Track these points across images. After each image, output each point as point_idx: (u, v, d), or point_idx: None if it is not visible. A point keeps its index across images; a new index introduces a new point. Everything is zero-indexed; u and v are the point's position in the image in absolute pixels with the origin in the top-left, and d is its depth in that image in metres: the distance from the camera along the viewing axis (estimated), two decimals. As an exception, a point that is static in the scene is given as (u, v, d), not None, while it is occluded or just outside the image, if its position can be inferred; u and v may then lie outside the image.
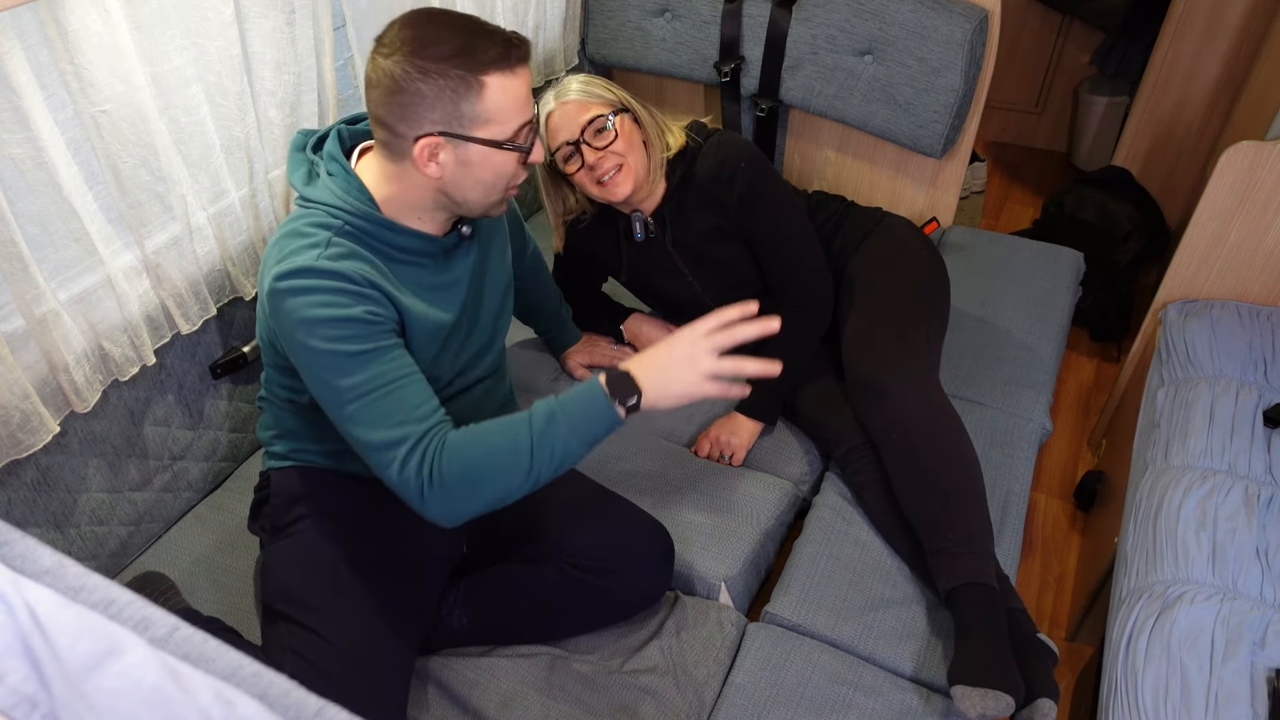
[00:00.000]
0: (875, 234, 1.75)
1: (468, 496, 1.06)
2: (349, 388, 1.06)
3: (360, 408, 1.06)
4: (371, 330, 1.07)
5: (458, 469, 1.05)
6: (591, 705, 1.24)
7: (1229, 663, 1.21)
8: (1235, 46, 2.56)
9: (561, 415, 1.06)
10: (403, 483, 1.06)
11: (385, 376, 1.07)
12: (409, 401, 1.07)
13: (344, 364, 1.06)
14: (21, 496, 1.25)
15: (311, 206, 1.13)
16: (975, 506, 1.39)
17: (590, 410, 1.07)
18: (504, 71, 1.05)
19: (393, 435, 1.05)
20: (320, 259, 1.07)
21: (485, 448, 1.06)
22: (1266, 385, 1.67)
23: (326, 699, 0.45)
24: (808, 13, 2.02)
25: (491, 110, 1.07)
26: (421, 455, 1.05)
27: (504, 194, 1.16)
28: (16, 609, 0.40)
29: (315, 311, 1.05)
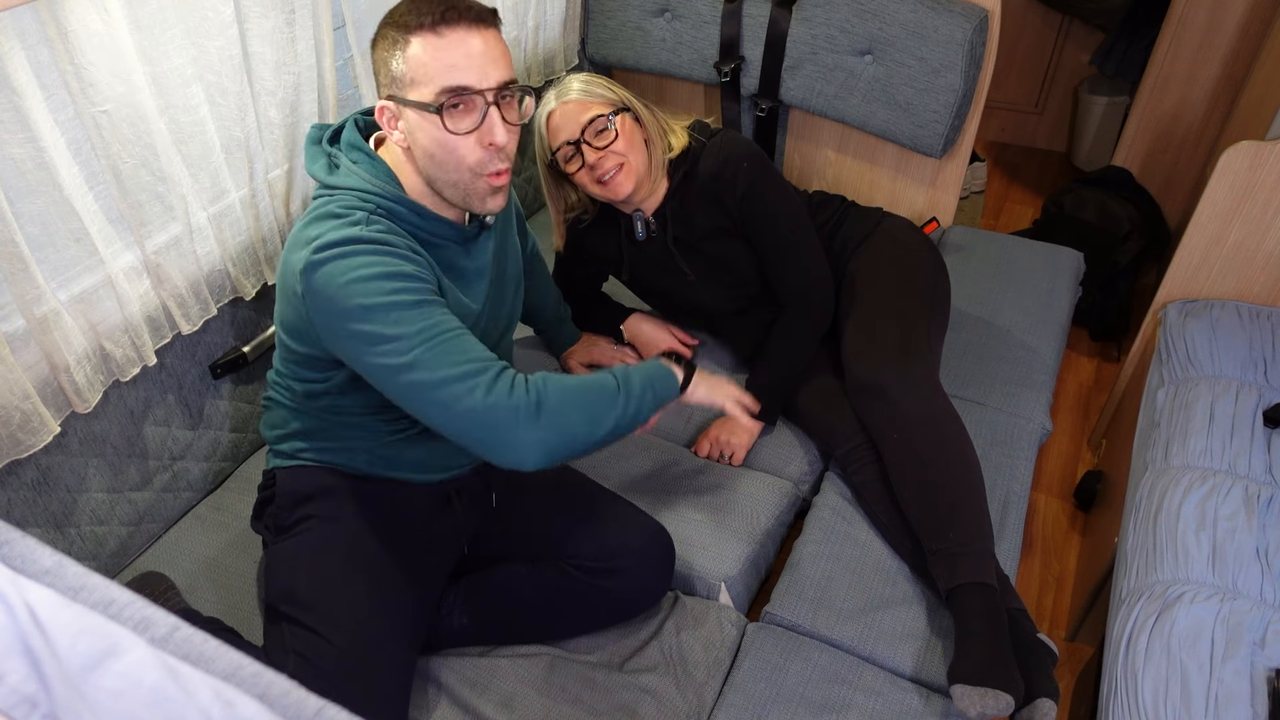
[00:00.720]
0: (875, 234, 1.75)
1: (563, 423, 1.07)
2: (414, 334, 1.03)
3: (428, 350, 1.03)
4: (425, 286, 1.08)
5: (558, 393, 1.07)
6: (591, 705, 1.24)
7: (1229, 663, 1.21)
8: (1235, 46, 2.56)
9: (636, 374, 1.17)
10: (491, 405, 1.03)
11: (449, 323, 1.07)
12: (475, 344, 1.08)
13: (406, 314, 1.03)
14: (21, 496, 1.25)
15: (338, 193, 1.13)
16: (975, 506, 1.39)
17: (657, 373, 1.21)
18: (429, 31, 1.03)
19: (471, 367, 1.04)
20: (364, 231, 1.07)
21: (581, 382, 1.12)
22: (1266, 385, 1.67)
23: (327, 699, 0.45)
24: (808, 13, 2.02)
25: (414, 70, 1.05)
26: (512, 379, 1.05)
27: (473, 181, 1.11)
28: (16, 609, 0.40)
29: (366, 270, 1.04)
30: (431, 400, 1.04)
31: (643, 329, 1.81)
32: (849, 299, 1.66)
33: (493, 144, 1.09)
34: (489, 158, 1.10)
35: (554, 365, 1.83)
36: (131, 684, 0.40)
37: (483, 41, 1.06)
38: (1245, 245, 1.85)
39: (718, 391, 1.33)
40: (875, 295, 1.64)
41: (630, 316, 1.82)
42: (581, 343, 1.81)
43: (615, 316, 1.83)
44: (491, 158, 1.10)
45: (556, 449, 1.07)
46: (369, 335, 1.04)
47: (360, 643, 1.18)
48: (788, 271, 1.63)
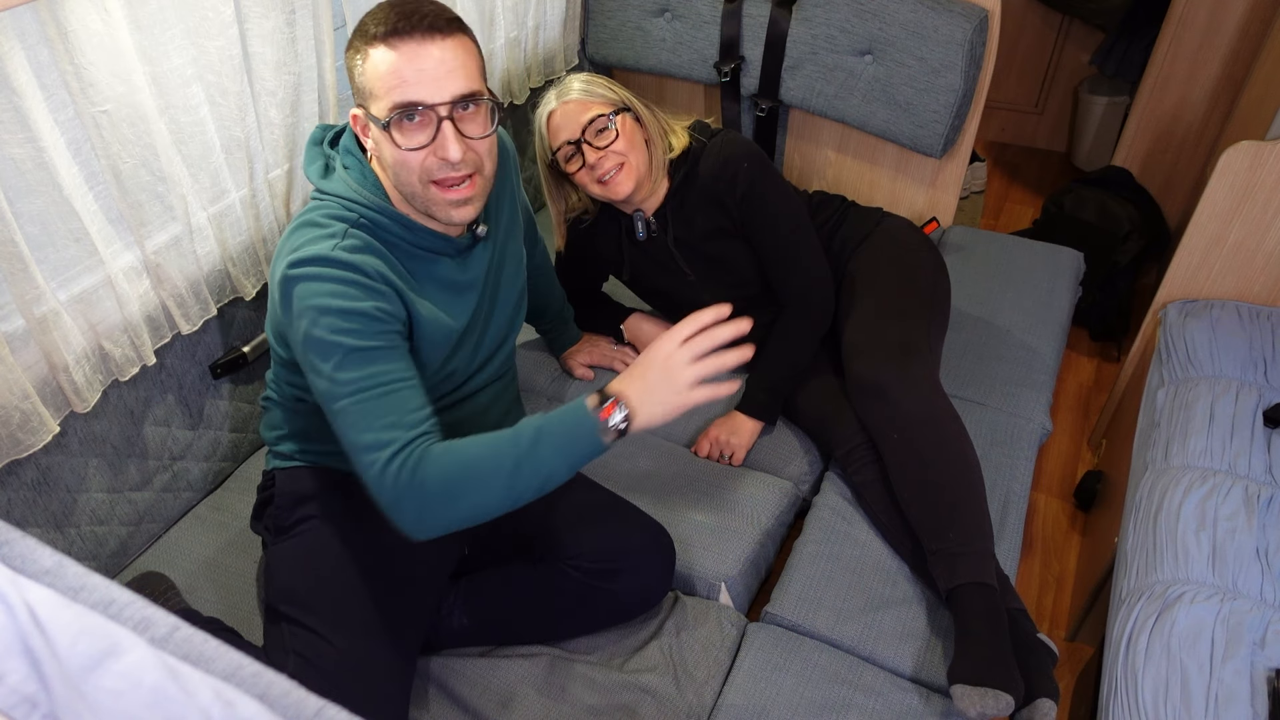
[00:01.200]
0: (875, 234, 1.75)
1: (443, 508, 1.04)
2: (345, 382, 1.04)
3: (352, 404, 1.05)
4: (377, 327, 1.06)
5: (439, 478, 1.03)
6: (591, 705, 1.24)
7: (1229, 663, 1.21)
8: (1235, 46, 2.56)
9: (548, 438, 1.04)
10: (380, 485, 1.03)
11: (382, 377, 1.05)
12: (402, 406, 1.06)
13: (343, 357, 1.04)
14: (21, 496, 1.25)
15: (326, 199, 1.13)
16: (975, 506, 1.39)
17: (577, 433, 1.05)
18: (383, 43, 1.01)
19: (380, 438, 1.03)
20: (336, 249, 1.06)
21: (469, 460, 1.03)
22: (1266, 385, 1.67)
23: (327, 699, 0.45)
24: (808, 13, 2.02)
25: (369, 82, 1.04)
26: (403, 461, 1.03)
27: (427, 191, 1.09)
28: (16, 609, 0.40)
29: (323, 300, 1.04)
30: (349, 454, 1.06)
31: (643, 329, 1.81)
32: (849, 299, 1.66)
33: (445, 159, 1.06)
34: (437, 165, 1.07)
35: (555, 365, 1.83)
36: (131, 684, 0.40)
37: (439, 52, 1.02)
38: (1245, 245, 1.85)
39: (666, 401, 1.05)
40: (875, 295, 1.64)
41: (630, 316, 1.82)
42: (583, 343, 1.81)
43: (616, 316, 1.83)
44: (441, 166, 1.07)
45: (436, 529, 1.05)
46: (312, 365, 1.07)
47: (360, 643, 1.18)
48: (788, 272, 1.63)
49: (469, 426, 1.30)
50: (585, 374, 1.79)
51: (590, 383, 1.79)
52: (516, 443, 1.04)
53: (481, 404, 1.32)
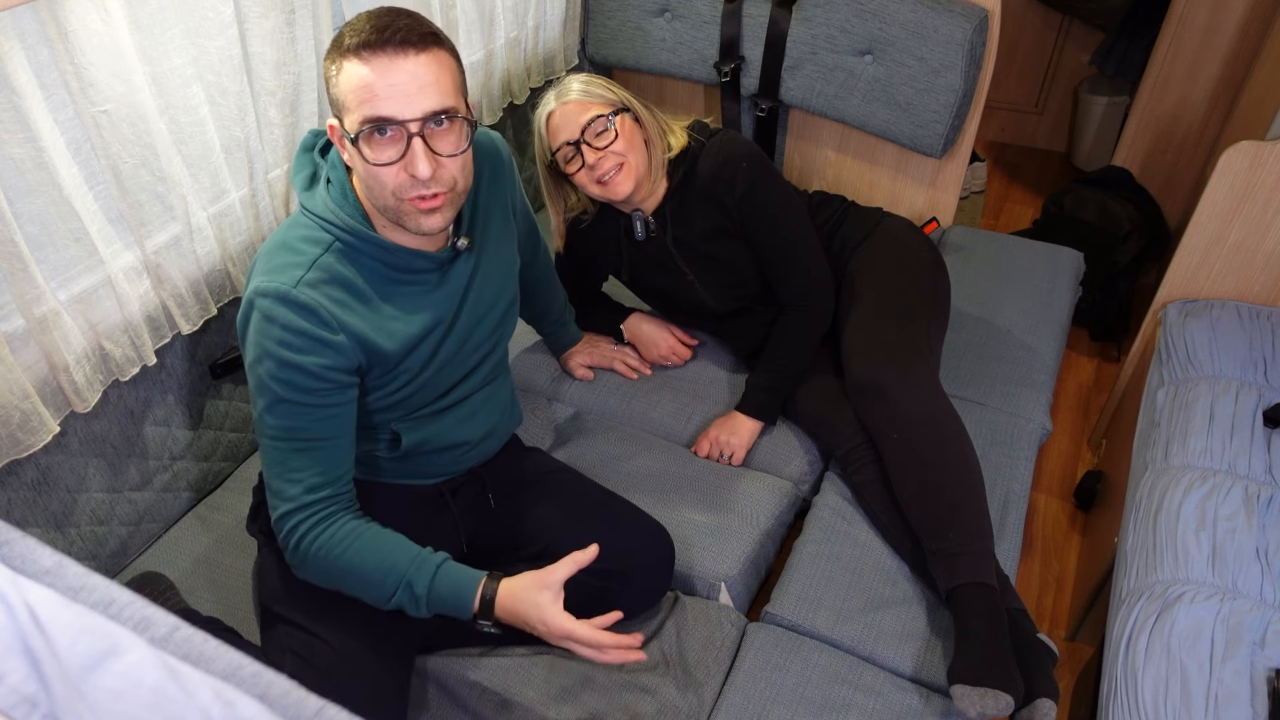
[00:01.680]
0: (875, 234, 1.75)
1: (321, 581, 1.16)
2: (271, 426, 1.10)
3: (270, 446, 1.12)
4: (315, 384, 1.09)
5: (319, 561, 1.13)
6: (591, 705, 1.24)
7: (1229, 663, 1.21)
8: (1235, 46, 2.56)
9: (428, 601, 1.13)
10: (275, 530, 1.15)
11: (306, 433, 1.11)
12: (316, 464, 1.12)
13: (275, 404, 1.09)
14: (21, 496, 1.25)
15: (308, 217, 1.12)
16: (975, 506, 1.39)
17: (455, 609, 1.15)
18: (355, 57, 0.99)
19: (285, 490, 1.12)
20: (299, 285, 1.06)
21: (353, 566, 1.13)
22: (1266, 385, 1.67)
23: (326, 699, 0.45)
24: (808, 13, 2.02)
25: (342, 95, 1.03)
26: (296, 525, 1.12)
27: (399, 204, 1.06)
28: (16, 609, 0.40)
29: (269, 344, 1.07)
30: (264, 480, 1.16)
31: (643, 329, 1.81)
32: (849, 299, 1.66)
33: (414, 176, 1.04)
34: (409, 184, 1.05)
35: (554, 366, 1.83)
36: (131, 684, 0.40)
37: (412, 67, 1.00)
38: (1245, 245, 1.85)
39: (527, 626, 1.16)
40: (875, 295, 1.64)
41: (630, 316, 1.82)
42: (583, 343, 1.81)
43: (615, 316, 1.83)
44: (413, 184, 1.05)
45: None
46: (251, 395, 1.12)
47: (357, 643, 1.18)
48: (788, 271, 1.63)
49: (459, 432, 1.30)
50: (585, 375, 1.79)
51: (590, 382, 1.79)
52: (400, 586, 1.12)
53: (471, 409, 1.31)
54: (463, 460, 1.34)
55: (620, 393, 1.77)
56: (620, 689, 1.26)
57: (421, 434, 1.25)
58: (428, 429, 1.26)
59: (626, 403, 1.75)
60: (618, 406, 1.75)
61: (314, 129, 1.20)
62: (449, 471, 1.34)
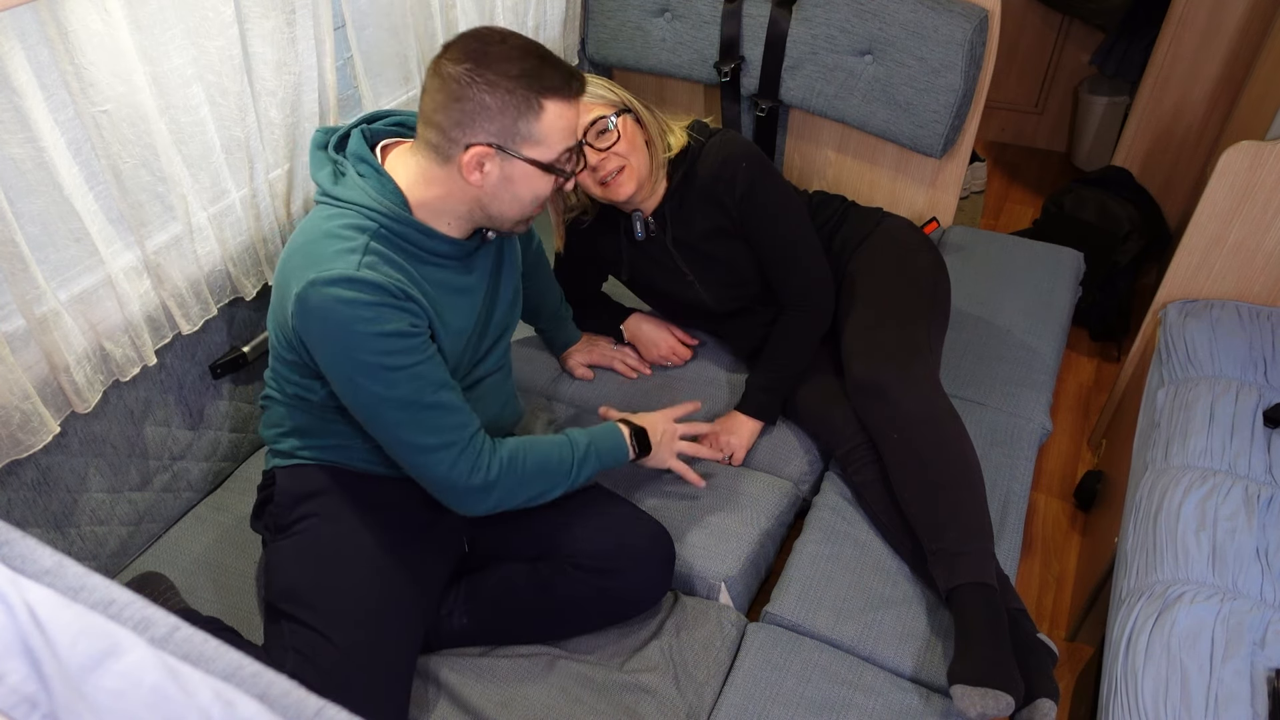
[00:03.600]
0: (875, 234, 1.75)
1: (509, 498, 1.22)
2: (395, 398, 1.11)
3: (408, 416, 1.13)
4: (414, 343, 1.12)
5: (513, 476, 1.20)
6: (591, 705, 1.24)
7: (1229, 663, 1.21)
8: (1235, 46, 2.56)
9: (594, 448, 1.31)
10: (450, 481, 1.16)
11: (429, 387, 1.13)
12: (453, 407, 1.16)
13: (391, 377, 1.10)
14: (21, 496, 1.25)
15: (343, 207, 1.14)
16: (975, 506, 1.39)
17: (616, 452, 1.35)
18: (563, 99, 1.11)
19: (444, 439, 1.15)
20: (361, 268, 1.08)
21: (539, 463, 1.24)
22: (1266, 385, 1.67)
23: (327, 698, 0.45)
24: (808, 13, 2.02)
25: (545, 132, 1.12)
26: (473, 460, 1.17)
27: (533, 213, 1.22)
28: (16, 609, 0.40)
29: (359, 326, 1.08)
30: (402, 455, 1.17)
31: (643, 329, 1.81)
32: (849, 299, 1.66)
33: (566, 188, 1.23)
34: (551, 195, 1.21)
35: (554, 365, 1.83)
36: (131, 684, 0.40)
37: (579, 103, 1.17)
38: (1245, 245, 1.85)
39: (667, 458, 1.46)
40: (875, 295, 1.64)
41: (630, 316, 1.82)
42: (582, 343, 1.81)
43: (615, 316, 1.83)
44: (553, 196, 1.23)
45: (495, 510, 1.23)
46: (353, 385, 1.12)
47: (360, 641, 1.18)
48: (788, 271, 1.63)
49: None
50: (585, 374, 1.79)
51: (590, 382, 1.79)
52: (574, 448, 1.29)
53: (478, 396, 1.33)
54: None
55: (620, 393, 1.77)
56: (620, 689, 1.26)
57: None
58: None
59: (626, 403, 1.75)
60: (617, 406, 1.75)
61: (322, 128, 1.22)
62: None
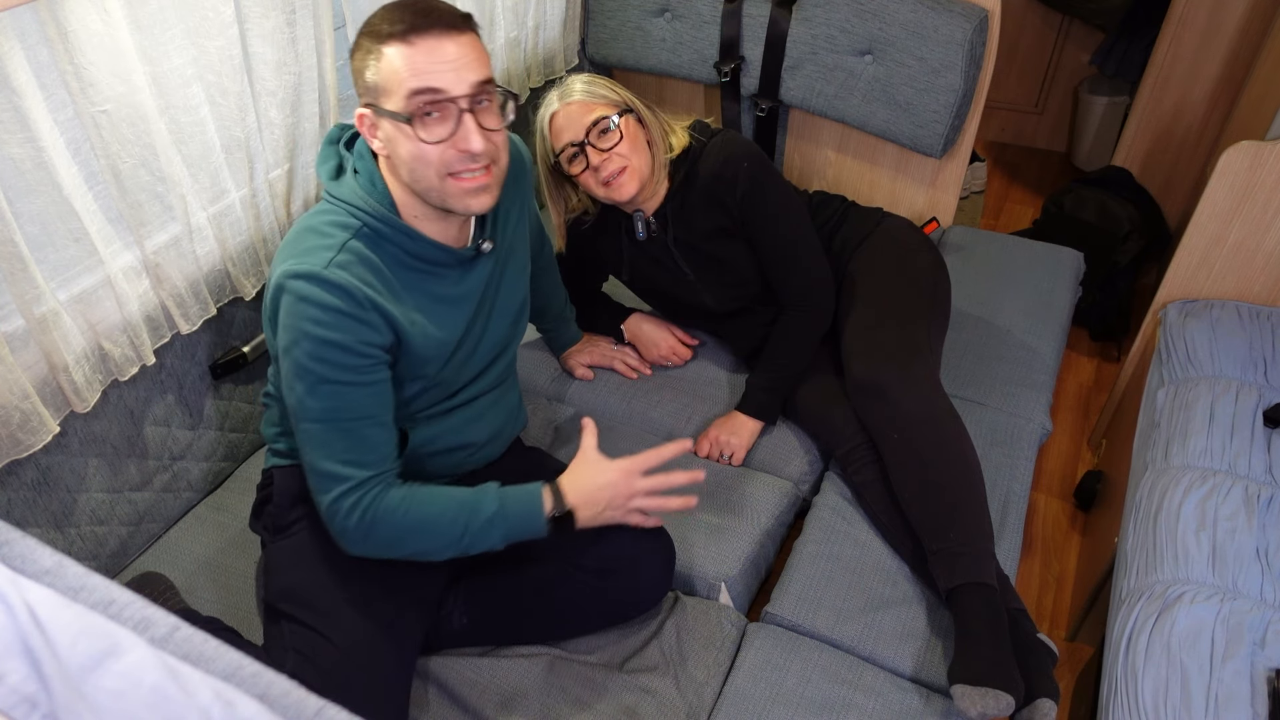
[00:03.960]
0: (875, 234, 1.75)
1: (384, 550, 1.15)
2: (313, 408, 1.10)
3: (318, 430, 1.11)
4: (355, 361, 1.09)
5: (389, 528, 1.13)
6: (591, 705, 1.24)
7: (1229, 663, 1.21)
8: (1235, 46, 2.56)
9: (501, 523, 1.16)
10: (330, 514, 1.13)
11: (351, 411, 1.10)
12: (365, 443, 1.12)
13: (316, 385, 1.09)
14: (21, 496, 1.25)
15: (335, 204, 1.14)
16: (975, 506, 1.39)
17: (526, 525, 1.18)
18: (400, 41, 1.02)
19: (337, 470, 1.11)
20: (330, 266, 1.07)
21: (422, 519, 1.14)
22: (1266, 385, 1.67)
23: (327, 698, 0.45)
24: (808, 13, 2.02)
25: (384, 79, 1.04)
26: (356, 500, 1.11)
27: (443, 183, 1.09)
28: (16, 609, 0.40)
29: (306, 325, 1.07)
30: (307, 471, 1.15)
31: (643, 329, 1.81)
32: (849, 299, 1.66)
33: (466, 150, 1.06)
34: (457, 159, 1.07)
35: (554, 365, 1.83)
36: (131, 684, 0.40)
37: (456, 47, 1.04)
38: (1245, 245, 1.85)
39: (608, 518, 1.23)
40: (875, 295, 1.64)
41: (631, 316, 1.82)
42: (582, 343, 1.82)
43: (616, 316, 1.83)
44: (461, 158, 1.07)
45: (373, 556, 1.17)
46: (287, 379, 1.11)
47: (360, 641, 1.18)
48: (788, 272, 1.63)
49: (466, 433, 1.30)
50: (585, 374, 1.79)
51: (590, 382, 1.79)
52: (470, 517, 1.15)
53: (479, 410, 1.32)
54: (467, 462, 1.34)
55: (620, 393, 1.77)
56: (620, 689, 1.26)
57: (428, 433, 1.26)
58: (434, 428, 1.27)
59: (626, 403, 1.75)
60: (618, 406, 1.75)
61: (339, 123, 1.22)
62: (452, 472, 1.34)
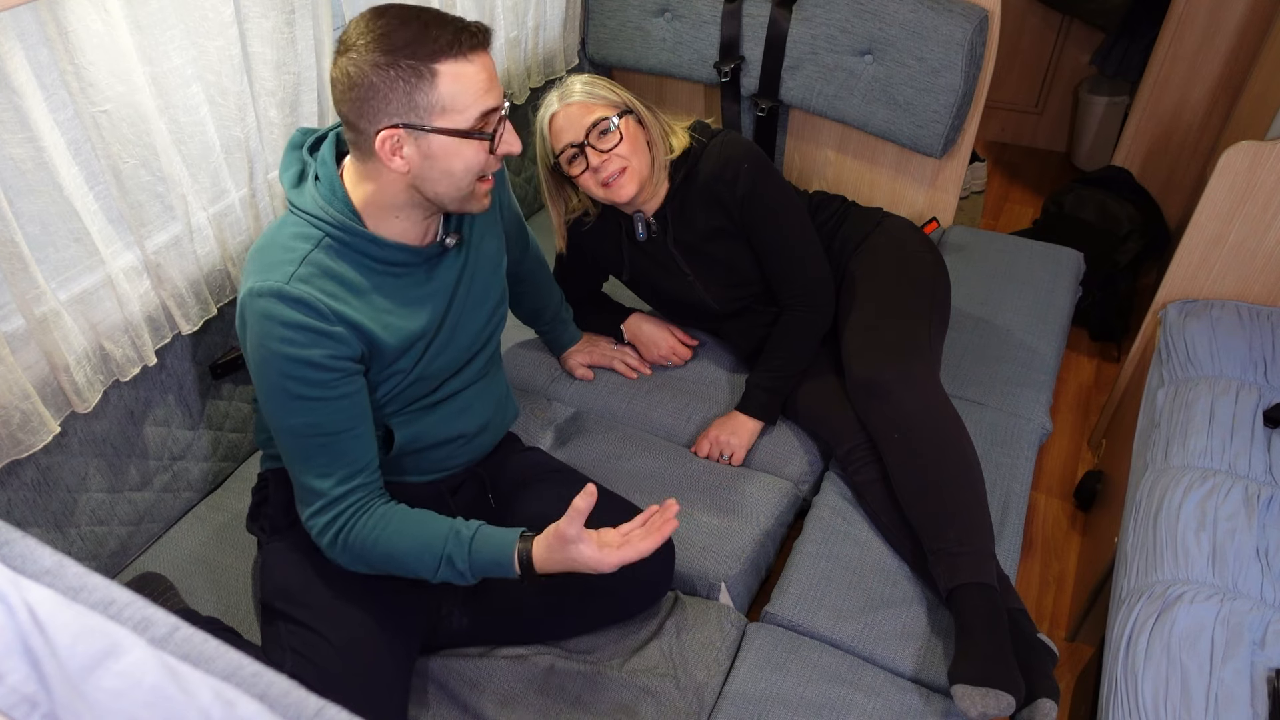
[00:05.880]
0: (875, 234, 1.75)
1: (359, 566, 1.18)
2: (288, 426, 1.11)
3: (294, 446, 1.12)
4: (325, 376, 1.09)
5: (360, 550, 1.15)
6: (591, 705, 1.24)
7: (1229, 663, 1.21)
8: (1235, 46, 2.56)
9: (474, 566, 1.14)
10: (309, 527, 1.16)
11: (325, 427, 1.11)
12: (342, 456, 1.13)
13: (289, 404, 1.09)
14: (21, 496, 1.25)
15: (297, 214, 1.13)
16: (976, 506, 1.39)
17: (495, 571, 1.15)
18: (456, 58, 1.03)
19: (315, 485, 1.13)
20: (292, 280, 1.07)
21: (393, 550, 1.15)
22: (1266, 385, 1.67)
23: (326, 698, 0.45)
24: (808, 13, 2.02)
25: (447, 99, 1.05)
26: (333, 517, 1.14)
27: (474, 187, 1.13)
28: (16, 609, 0.40)
29: (274, 345, 1.07)
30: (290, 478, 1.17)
31: (643, 329, 1.81)
32: (849, 299, 1.66)
33: (509, 154, 1.13)
34: (493, 163, 1.13)
35: (554, 365, 1.83)
36: (131, 684, 0.40)
37: (493, 62, 1.09)
38: (1245, 245, 1.85)
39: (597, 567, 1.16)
40: (875, 295, 1.64)
41: (631, 316, 1.82)
42: (582, 343, 1.81)
43: (616, 317, 1.83)
44: (496, 162, 1.13)
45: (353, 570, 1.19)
46: (263, 402, 1.12)
47: (358, 641, 1.18)
48: (788, 272, 1.63)
49: (452, 425, 1.30)
50: (585, 374, 1.79)
51: (590, 382, 1.79)
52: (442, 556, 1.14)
53: (464, 402, 1.32)
54: (460, 454, 1.34)
55: (620, 393, 1.77)
56: (620, 689, 1.26)
57: (414, 429, 1.26)
58: (420, 424, 1.26)
59: (626, 403, 1.75)
60: (618, 406, 1.75)
61: (302, 128, 1.20)
62: (448, 467, 1.34)
